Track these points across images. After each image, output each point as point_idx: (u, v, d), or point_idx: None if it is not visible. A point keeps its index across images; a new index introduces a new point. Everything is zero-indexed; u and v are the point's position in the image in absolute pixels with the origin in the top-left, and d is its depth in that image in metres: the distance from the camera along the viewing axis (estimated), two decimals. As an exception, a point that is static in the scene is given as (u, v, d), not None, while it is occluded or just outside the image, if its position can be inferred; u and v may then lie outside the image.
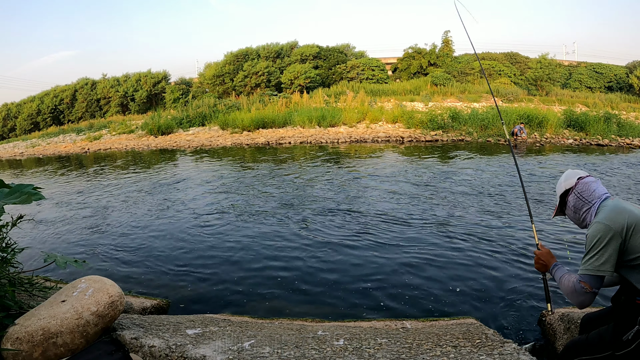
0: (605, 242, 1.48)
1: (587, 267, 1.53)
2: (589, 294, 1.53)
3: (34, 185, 2.29)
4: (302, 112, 18.42)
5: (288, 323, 2.58)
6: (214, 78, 29.62)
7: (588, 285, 1.53)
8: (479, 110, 17.09)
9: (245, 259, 4.04)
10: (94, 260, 4.24)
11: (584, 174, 1.73)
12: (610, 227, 1.49)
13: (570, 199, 1.72)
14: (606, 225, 1.50)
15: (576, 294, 1.56)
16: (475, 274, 3.49)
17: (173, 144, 17.35)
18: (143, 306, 2.88)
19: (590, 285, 1.52)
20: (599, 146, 12.92)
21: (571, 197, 1.71)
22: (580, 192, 1.68)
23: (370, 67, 28.46)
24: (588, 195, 1.66)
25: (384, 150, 12.39)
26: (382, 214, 5.41)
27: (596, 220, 1.55)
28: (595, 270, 1.50)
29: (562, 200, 1.77)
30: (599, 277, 1.52)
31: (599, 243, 1.50)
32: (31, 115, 33.58)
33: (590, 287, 1.52)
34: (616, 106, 21.13)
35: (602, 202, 1.62)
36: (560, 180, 1.79)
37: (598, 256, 1.50)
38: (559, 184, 1.79)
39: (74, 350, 1.79)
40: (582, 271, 1.55)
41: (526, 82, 26.76)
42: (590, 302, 1.56)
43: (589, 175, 1.73)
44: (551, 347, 2.40)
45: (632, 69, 26.82)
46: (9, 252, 2.34)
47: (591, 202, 1.65)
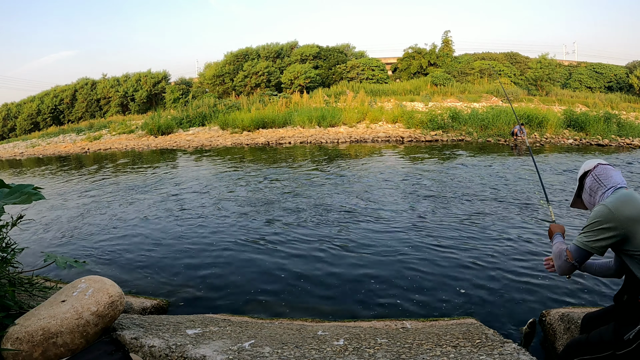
0: (602, 227, 1.51)
1: (579, 239, 1.59)
2: (568, 263, 1.62)
3: (34, 185, 2.30)
4: (302, 112, 18.42)
5: (288, 323, 2.58)
6: (214, 78, 29.61)
7: (570, 255, 1.61)
8: (479, 110, 17.09)
9: (245, 259, 4.04)
10: (94, 260, 4.24)
11: (605, 162, 1.76)
12: (612, 214, 1.49)
13: (587, 180, 1.74)
14: (610, 211, 1.50)
15: (558, 259, 1.66)
16: (476, 274, 3.49)
17: (173, 144, 17.35)
18: (143, 306, 2.88)
19: (573, 256, 1.60)
20: (599, 146, 12.92)
21: (588, 178, 1.73)
22: (598, 174, 1.70)
23: (370, 67, 28.47)
24: (605, 179, 1.67)
25: (384, 150, 12.38)
26: (382, 214, 5.41)
27: (603, 203, 1.56)
28: (583, 244, 1.56)
29: (581, 183, 1.79)
30: (584, 252, 1.57)
31: (597, 225, 1.53)
32: (31, 115, 33.58)
33: (571, 257, 1.60)
34: (616, 106, 21.13)
35: (617, 190, 1.62)
36: (581, 166, 1.83)
37: (591, 235, 1.54)
38: (580, 170, 1.82)
39: (74, 350, 1.79)
40: (574, 242, 1.61)
41: (526, 82, 26.76)
42: (568, 272, 1.65)
43: (609, 164, 1.75)
44: (551, 347, 2.40)
45: (632, 69, 26.81)
46: (9, 252, 2.34)
47: (606, 186, 1.65)
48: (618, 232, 1.48)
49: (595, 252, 1.55)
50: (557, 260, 1.67)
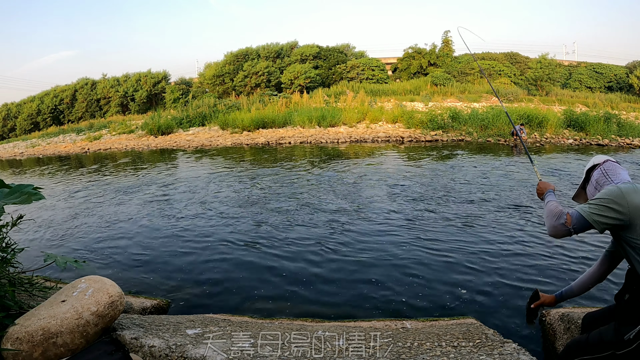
0: (610, 205, 1.48)
1: (583, 207, 1.54)
2: (565, 227, 1.55)
3: (34, 185, 2.29)
4: (302, 112, 18.42)
5: (288, 323, 2.58)
6: (214, 78, 29.63)
7: (570, 219, 1.54)
8: (479, 110, 17.10)
9: (245, 259, 4.04)
10: (93, 260, 4.24)
11: (615, 160, 1.76)
12: (624, 197, 1.48)
13: (594, 173, 1.73)
14: (622, 193, 1.49)
15: (555, 219, 1.58)
16: (476, 274, 3.49)
17: (173, 144, 17.35)
18: (143, 306, 2.88)
19: (572, 221, 1.54)
20: (599, 146, 12.92)
21: (596, 172, 1.72)
22: (606, 169, 1.69)
23: (370, 67, 28.48)
24: (612, 175, 1.66)
25: (384, 150, 12.38)
26: (382, 214, 5.41)
27: (617, 185, 1.55)
28: (587, 214, 1.52)
29: (587, 176, 1.78)
30: (585, 222, 1.52)
31: (606, 202, 1.50)
32: (31, 115, 33.59)
33: (570, 222, 1.54)
34: (616, 106, 21.14)
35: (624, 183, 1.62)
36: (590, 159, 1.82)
37: (597, 209, 1.51)
38: (589, 163, 1.80)
39: (74, 350, 1.79)
40: (577, 208, 1.56)
41: (526, 82, 26.77)
42: (561, 235, 1.58)
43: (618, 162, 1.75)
44: (551, 347, 2.40)
45: (632, 69, 26.82)
46: (9, 252, 2.34)
47: (613, 182, 1.64)
48: (623, 216, 1.47)
49: (595, 227, 1.52)
50: (552, 220, 1.59)
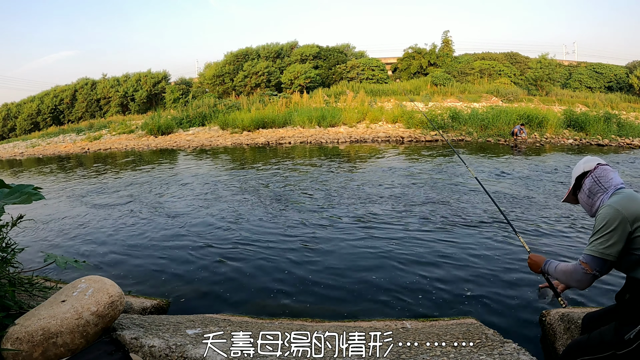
0: (613, 227, 1.47)
1: (592, 248, 1.52)
2: (588, 275, 1.52)
3: (34, 185, 2.30)
4: (302, 112, 18.41)
5: (288, 323, 2.58)
6: (214, 78, 29.61)
7: (588, 267, 1.52)
8: (479, 110, 17.09)
9: (245, 259, 4.04)
10: (94, 260, 4.24)
11: (604, 162, 1.73)
12: (620, 212, 1.47)
13: (586, 182, 1.70)
14: (616, 209, 1.48)
15: (575, 274, 1.56)
16: (476, 274, 3.49)
17: (173, 144, 17.35)
18: (143, 306, 2.88)
19: (591, 266, 1.51)
20: (599, 146, 12.92)
21: (588, 180, 1.70)
22: (598, 176, 1.67)
23: (370, 67, 28.46)
24: (605, 182, 1.65)
25: (384, 150, 12.38)
26: (382, 214, 5.41)
27: (607, 204, 1.53)
28: (598, 252, 1.49)
29: (578, 183, 1.75)
30: (602, 260, 1.50)
31: (607, 226, 1.48)
32: (31, 115, 33.57)
33: (590, 269, 1.51)
34: (616, 106, 21.12)
35: (617, 191, 1.61)
36: (578, 163, 1.78)
37: (604, 239, 1.49)
38: (576, 167, 1.77)
39: (74, 350, 1.79)
40: (586, 251, 1.54)
41: (526, 82, 26.75)
42: (589, 283, 1.54)
43: (608, 164, 1.72)
44: (551, 347, 2.40)
45: (632, 69, 26.80)
46: (9, 252, 2.34)
47: (607, 189, 1.63)
48: (628, 229, 1.46)
49: (611, 258, 1.48)
50: (574, 276, 1.56)
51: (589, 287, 1.57)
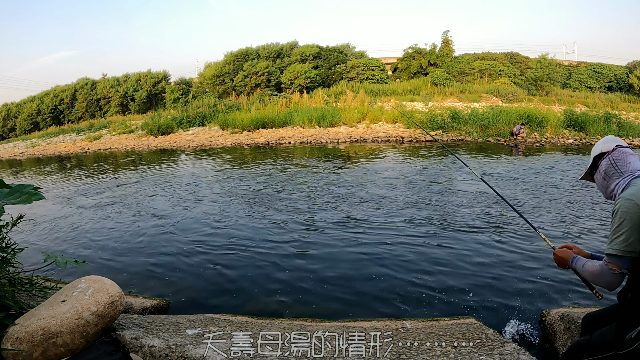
0: (633, 222, 1.42)
1: (614, 246, 1.47)
2: (617, 275, 1.48)
3: (34, 185, 2.30)
4: (302, 112, 18.42)
5: (288, 323, 2.58)
6: (214, 78, 29.61)
7: (615, 267, 1.47)
8: (479, 110, 17.10)
9: (245, 259, 4.04)
10: (94, 260, 4.24)
11: (624, 144, 1.67)
12: (638, 205, 1.43)
13: (603, 162, 1.65)
14: (635, 203, 1.43)
15: (603, 275, 1.51)
16: (476, 274, 3.49)
17: (173, 144, 17.35)
18: (143, 306, 2.88)
19: (618, 266, 1.47)
20: (599, 146, 12.90)
21: (605, 161, 1.64)
22: (615, 158, 1.61)
23: (370, 67, 28.46)
24: (622, 165, 1.59)
25: (384, 151, 12.38)
26: (382, 214, 5.41)
27: (624, 196, 1.48)
28: (621, 251, 1.45)
29: (595, 163, 1.70)
30: (628, 259, 1.46)
31: (627, 222, 1.43)
32: (31, 115, 33.57)
33: (618, 268, 1.47)
34: (616, 106, 21.12)
35: (634, 179, 1.55)
36: (598, 143, 1.72)
37: (626, 236, 1.44)
38: (595, 146, 1.71)
39: (74, 350, 1.79)
40: (609, 251, 1.49)
41: (526, 82, 26.75)
42: (619, 283, 1.50)
43: (628, 147, 1.66)
44: (551, 347, 2.40)
45: (632, 69, 26.81)
46: (9, 252, 2.34)
47: (623, 174, 1.58)
48: None
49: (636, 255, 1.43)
50: (602, 277, 1.51)
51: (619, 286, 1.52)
